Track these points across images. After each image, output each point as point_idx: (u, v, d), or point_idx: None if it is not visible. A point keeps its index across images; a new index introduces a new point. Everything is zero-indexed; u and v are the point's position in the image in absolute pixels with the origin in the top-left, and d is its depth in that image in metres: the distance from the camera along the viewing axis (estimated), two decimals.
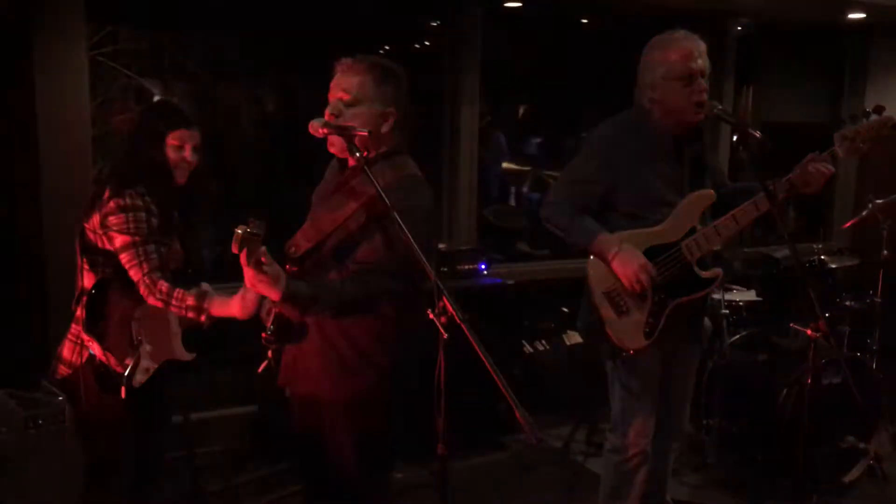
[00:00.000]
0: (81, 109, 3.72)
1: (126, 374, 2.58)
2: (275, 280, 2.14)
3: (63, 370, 2.65)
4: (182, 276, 2.69)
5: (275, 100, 5.32)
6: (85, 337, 2.57)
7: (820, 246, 4.38)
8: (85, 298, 2.58)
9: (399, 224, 2.11)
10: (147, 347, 2.65)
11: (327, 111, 2.39)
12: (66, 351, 2.66)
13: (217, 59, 5.32)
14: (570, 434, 4.39)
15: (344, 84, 2.37)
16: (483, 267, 4.58)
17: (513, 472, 4.16)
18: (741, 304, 4.37)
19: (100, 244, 2.59)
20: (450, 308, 2.02)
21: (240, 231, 1.98)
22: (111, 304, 2.60)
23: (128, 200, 2.54)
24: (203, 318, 2.57)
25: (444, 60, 5.04)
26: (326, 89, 2.49)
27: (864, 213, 4.33)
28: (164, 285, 2.53)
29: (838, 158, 2.82)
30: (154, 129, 2.65)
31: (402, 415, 2.56)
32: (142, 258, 2.53)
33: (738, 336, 4.22)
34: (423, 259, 2.11)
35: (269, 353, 2.49)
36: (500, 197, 6.80)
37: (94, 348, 2.56)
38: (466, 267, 4.54)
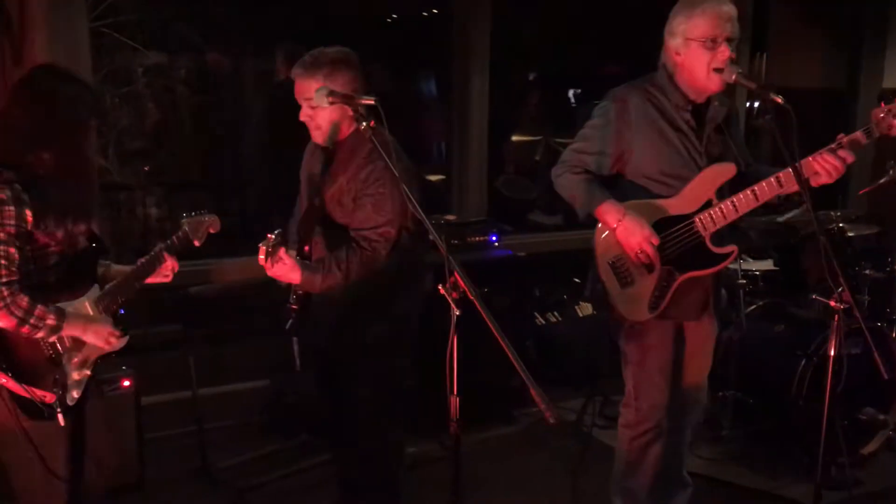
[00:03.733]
0: None
1: (56, 401, 2.28)
2: (293, 270, 2.54)
3: None
4: (81, 258, 2.42)
5: (280, 71, 5.23)
6: None
7: (838, 213, 4.29)
8: None
9: (405, 189, 2.32)
10: (75, 357, 2.36)
11: (301, 116, 2.70)
12: None
13: (221, 30, 5.25)
14: (583, 407, 4.35)
15: (303, 91, 2.66)
16: (494, 238, 4.52)
17: (524, 445, 4.14)
18: (757, 273, 4.30)
19: None
20: (462, 283, 2.01)
21: (264, 246, 2.42)
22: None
23: None
24: (54, 339, 2.30)
25: (454, 28, 4.94)
26: None
27: (883, 179, 4.23)
28: (24, 300, 2.18)
29: (873, 137, 2.70)
30: (83, 108, 2.33)
31: (413, 364, 2.94)
32: (2, 261, 2.17)
33: (754, 306, 4.14)
34: (421, 212, 2.28)
35: (293, 315, 2.76)
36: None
37: (11, 385, 2.23)
38: (477, 239, 4.48)
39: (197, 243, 2.54)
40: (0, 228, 2.16)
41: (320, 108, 2.64)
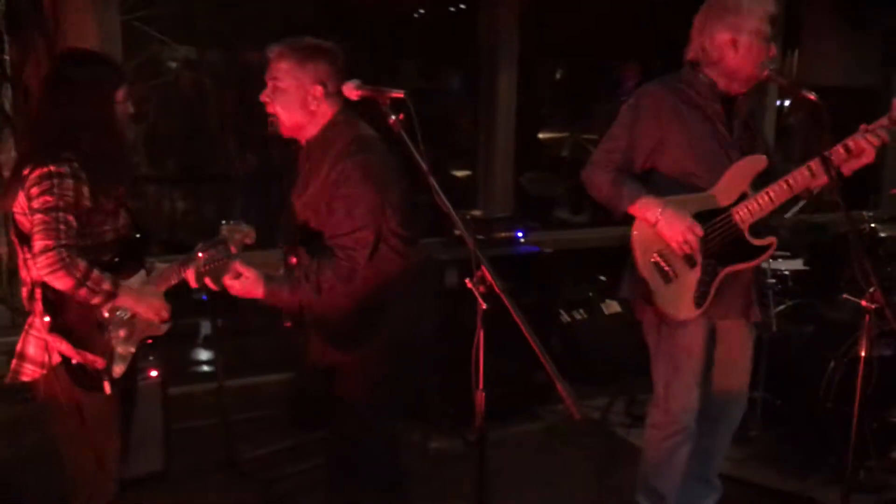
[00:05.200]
0: None
1: (105, 368, 2.38)
2: (256, 284, 2.44)
3: (31, 371, 2.39)
4: (130, 245, 2.52)
5: None
6: (51, 337, 2.32)
7: (870, 214, 4.23)
8: (40, 293, 2.30)
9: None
10: (120, 330, 2.44)
11: (262, 96, 2.60)
12: (34, 349, 2.39)
13: (249, 25, 5.27)
14: (608, 405, 4.32)
15: (273, 70, 2.58)
16: (520, 235, 4.50)
17: (549, 443, 4.11)
18: (787, 273, 4.24)
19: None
20: (489, 277, 1.99)
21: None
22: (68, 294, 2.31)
23: (52, 168, 2.27)
24: (106, 310, 2.39)
25: (481, 22, 4.92)
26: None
27: None
28: (82, 263, 2.26)
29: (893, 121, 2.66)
30: (102, 86, 2.41)
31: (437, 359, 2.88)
32: (61, 225, 2.24)
33: (784, 306, 4.09)
34: (448, 204, 2.12)
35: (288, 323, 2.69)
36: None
37: (65, 348, 2.33)
38: (503, 235, 4.46)
39: (234, 250, 2.48)
40: (59, 198, 2.26)
41: (282, 92, 2.56)
